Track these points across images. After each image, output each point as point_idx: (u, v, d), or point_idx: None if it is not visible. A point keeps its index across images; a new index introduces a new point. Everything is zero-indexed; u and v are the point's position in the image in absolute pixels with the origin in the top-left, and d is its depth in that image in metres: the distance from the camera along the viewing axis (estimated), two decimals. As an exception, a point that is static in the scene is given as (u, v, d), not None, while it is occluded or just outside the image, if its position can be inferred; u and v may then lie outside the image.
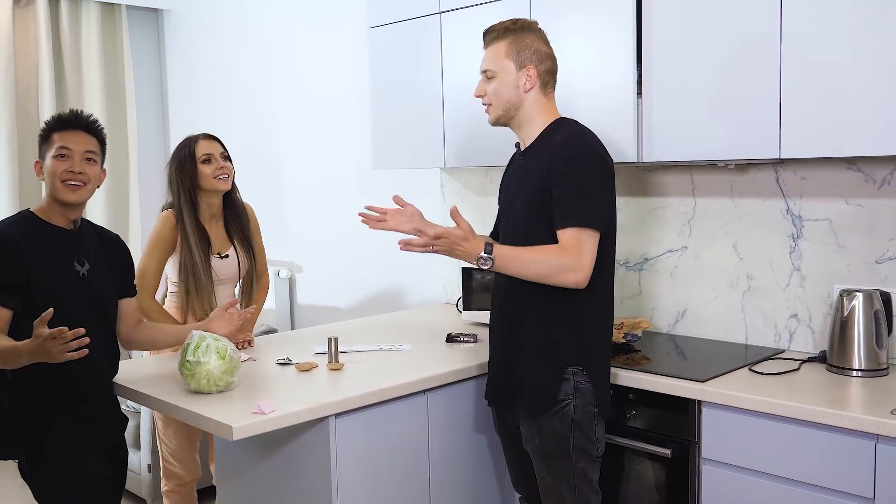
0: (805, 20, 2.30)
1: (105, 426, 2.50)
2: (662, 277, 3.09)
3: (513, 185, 2.48)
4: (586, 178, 2.26)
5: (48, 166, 2.36)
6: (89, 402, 2.43)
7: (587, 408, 2.32)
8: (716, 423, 2.35)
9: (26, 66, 4.97)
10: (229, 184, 2.99)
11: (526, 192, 2.36)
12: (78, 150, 2.37)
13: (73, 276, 2.38)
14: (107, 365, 2.51)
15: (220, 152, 2.99)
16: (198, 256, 2.90)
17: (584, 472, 2.35)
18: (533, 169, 2.35)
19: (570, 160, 2.26)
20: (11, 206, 4.84)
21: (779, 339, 2.80)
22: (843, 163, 2.60)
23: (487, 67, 2.38)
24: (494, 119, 2.42)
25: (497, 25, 2.39)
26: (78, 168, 2.36)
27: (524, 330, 2.37)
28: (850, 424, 2.07)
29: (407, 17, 3.35)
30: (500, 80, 2.36)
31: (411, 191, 4.01)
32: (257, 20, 4.81)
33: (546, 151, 2.32)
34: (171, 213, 2.95)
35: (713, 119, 2.50)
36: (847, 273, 2.63)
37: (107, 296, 2.51)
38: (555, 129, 2.37)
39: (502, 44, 2.35)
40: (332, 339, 2.68)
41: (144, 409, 3.78)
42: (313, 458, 2.35)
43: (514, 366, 2.40)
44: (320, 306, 4.60)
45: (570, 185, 2.25)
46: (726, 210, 2.89)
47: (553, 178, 2.26)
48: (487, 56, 2.39)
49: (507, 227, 2.48)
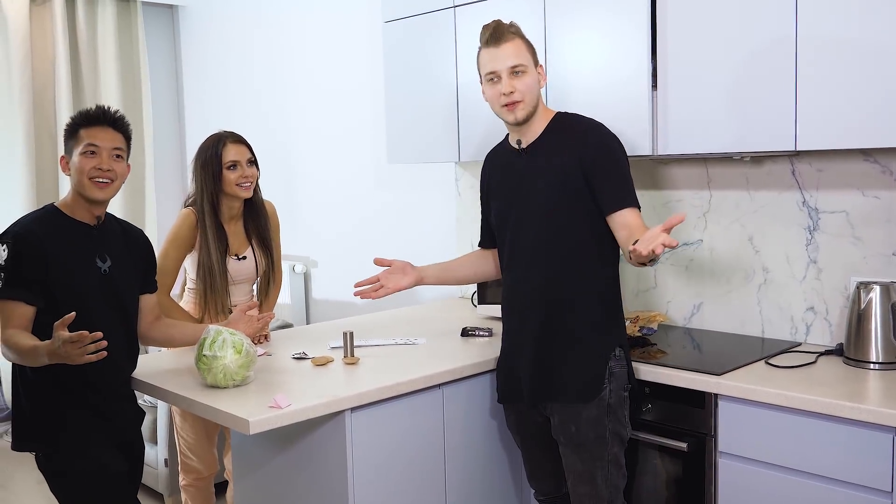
0: (821, 11, 2.28)
1: (121, 421, 2.52)
2: (678, 270, 3.08)
3: (516, 183, 2.46)
4: (624, 161, 2.36)
5: (76, 163, 2.37)
6: (106, 398, 2.45)
7: (619, 392, 2.37)
8: (732, 416, 2.34)
9: (43, 63, 5.00)
10: (251, 191, 2.95)
11: (548, 185, 2.36)
12: (106, 146, 2.37)
13: (94, 273, 2.39)
14: (126, 361, 2.53)
15: (248, 158, 2.93)
16: (215, 258, 2.90)
17: (616, 457, 2.38)
18: (553, 161, 2.36)
19: (609, 147, 2.35)
20: (28, 201, 4.87)
21: (795, 332, 2.79)
22: (859, 154, 2.59)
23: (518, 62, 2.33)
24: (525, 115, 2.38)
25: (503, 24, 2.37)
26: (106, 165, 2.36)
27: (570, 320, 2.38)
28: (868, 417, 2.06)
29: (421, 11, 3.35)
30: (531, 74, 2.36)
31: (425, 185, 4.02)
32: (272, 15, 4.82)
33: (564, 141, 2.35)
34: (192, 211, 2.93)
35: (728, 111, 2.49)
36: (864, 265, 2.61)
37: (128, 292, 2.52)
38: (561, 120, 2.41)
39: (520, 41, 2.36)
40: (348, 334, 2.69)
41: (161, 404, 3.80)
42: (329, 452, 2.36)
43: (557, 358, 2.39)
44: (335, 301, 4.62)
45: (615, 168, 2.33)
46: (742, 203, 2.88)
47: (591, 165, 2.31)
48: (512, 51, 2.34)
49: (523, 227, 2.44)
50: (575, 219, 2.35)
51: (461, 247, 3.84)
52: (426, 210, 4.04)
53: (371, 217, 4.35)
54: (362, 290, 2.70)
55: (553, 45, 2.87)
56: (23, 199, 4.88)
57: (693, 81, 2.56)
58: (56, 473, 2.40)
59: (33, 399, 2.37)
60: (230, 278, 2.98)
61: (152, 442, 3.96)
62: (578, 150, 2.32)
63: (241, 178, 2.90)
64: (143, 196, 5.37)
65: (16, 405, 2.41)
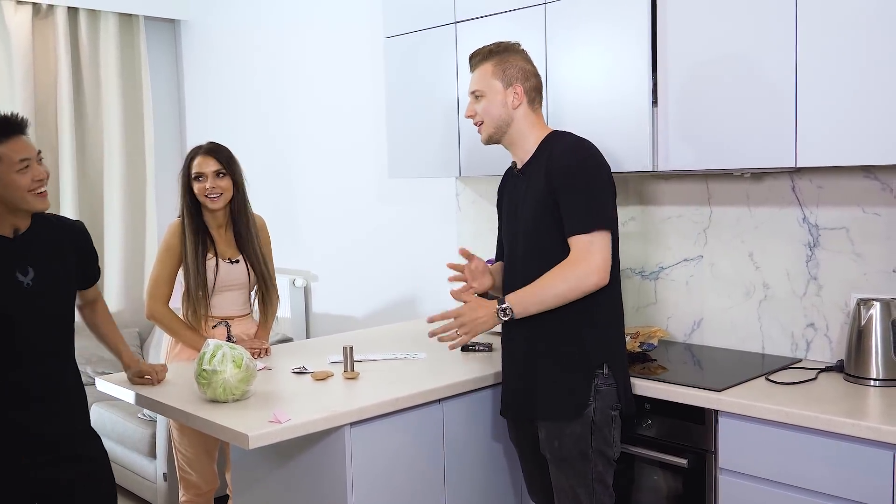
0: (821, 28, 2.29)
1: (51, 435, 2.38)
2: (678, 286, 3.08)
3: (513, 203, 2.52)
4: (586, 182, 2.33)
5: (11, 181, 2.23)
6: (43, 403, 2.36)
7: (606, 410, 2.36)
8: (732, 432, 2.34)
9: (45, 77, 5.02)
10: (220, 203, 2.98)
11: (531, 209, 2.40)
12: (32, 155, 2.27)
13: (16, 289, 2.29)
14: (63, 371, 2.44)
15: (214, 170, 2.96)
16: (191, 262, 2.96)
17: (601, 475, 2.37)
18: (534, 184, 2.39)
19: (569, 168, 2.33)
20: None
21: (795, 348, 2.78)
22: (860, 171, 2.59)
23: (476, 88, 2.45)
24: (486, 137, 2.49)
25: (481, 49, 2.47)
26: (41, 174, 2.28)
27: (547, 338, 2.39)
28: (868, 434, 2.05)
29: (422, 27, 3.37)
30: (489, 98, 2.43)
31: (426, 200, 4.03)
32: (273, 30, 4.84)
33: (545, 163, 2.37)
34: (179, 221, 3.02)
35: (729, 127, 2.50)
36: (864, 282, 2.61)
37: (59, 301, 2.41)
38: (550, 141, 2.43)
39: (488, 65, 2.44)
40: (348, 348, 2.69)
41: (160, 418, 3.79)
42: (329, 466, 2.35)
43: (537, 376, 2.41)
44: (336, 315, 4.61)
45: (573, 192, 2.32)
46: (742, 219, 2.88)
47: (556, 188, 2.33)
48: (475, 77, 2.47)
49: (513, 247, 2.51)
50: (556, 239, 2.35)
51: (462, 261, 3.83)
52: (427, 225, 4.04)
53: (371, 232, 4.36)
54: (456, 282, 2.63)
55: (553, 61, 2.89)
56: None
57: (693, 97, 2.57)
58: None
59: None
60: (220, 283, 3.01)
61: (151, 456, 3.95)
62: (547, 170, 2.35)
63: (207, 190, 2.96)
64: (143, 208, 5.37)
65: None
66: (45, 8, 4.98)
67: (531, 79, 2.45)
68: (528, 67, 2.46)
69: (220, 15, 5.26)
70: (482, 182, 3.73)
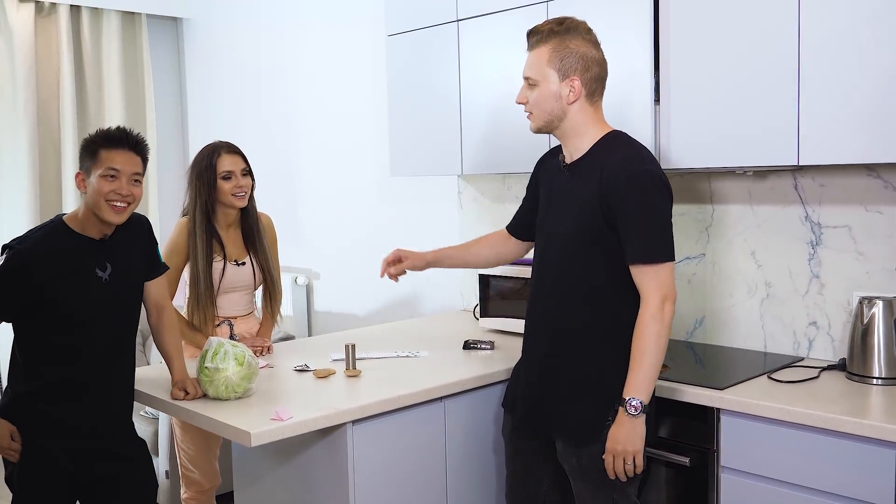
0: (823, 26, 2.29)
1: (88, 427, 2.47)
2: (680, 284, 3.07)
3: (555, 200, 2.36)
4: (653, 205, 2.17)
5: (94, 184, 2.34)
6: (92, 396, 2.46)
7: None
8: (735, 431, 2.33)
9: (48, 75, 5.02)
10: (246, 201, 2.97)
11: (575, 214, 2.25)
12: (126, 171, 2.36)
13: (94, 283, 2.40)
14: (121, 355, 2.53)
15: (242, 168, 2.96)
16: (201, 266, 2.92)
17: (623, 487, 2.26)
18: (583, 188, 2.23)
19: (631, 184, 2.15)
20: (32, 212, 4.88)
21: (798, 346, 2.78)
22: (862, 170, 2.59)
23: (529, 75, 2.26)
24: (536, 129, 2.32)
25: (542, 26, 2.26)
26: (125, 190, 2.35)
27: (571, 359, 2.29)
28: (871, 433, 2.05)
29: (425, 25, 3.37)
30: (543, 89, 2.23)
31: (428, 198, 4.03)
32: (275, 28, 4.84)
33: (598, 171, 2.20)
34: (188, 220, 2.98)
35: (731, 126, 2.49)
36: (867, 280, 2.61)
37: (130, 291, 2.52)
38: (607, 144, 2.25)
39: (545, 49, 2.22)
40: (350, 346, 2.69)
41: (163, 416, 3.79)
42: (330, 464, 2.36)
43: (555, 395, 2.31)
44: (337, 313, 4.62)
45: (638, 214, 2.15)
46: (745, 217, 2.88)
47: (613, 203, 2.16)
48: (530, 61, 2.26)
49: (545, 249, 2.37)
50: (595, 253, 2.22)
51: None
52: (429, 223, 4.04)
53: (373, 230, 4.36)
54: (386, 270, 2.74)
55: (556, 59, 2.88)
56: (26, 210, 4.88)
57: (696, 96, 2.57)
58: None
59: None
60: (226, 284, 3.00)
61: (153, 454, 3.95)
62: (605, 182, 2.17)
63: (235, 188, 2.94)
64: (146, 207, 5.36)
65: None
66: (48, 6, 4.98)
67: (593, 68, 2.23)
68: (592, 53, 2.23)
69: (223, 13, 5.26)
70: (484, 180, 3.73)
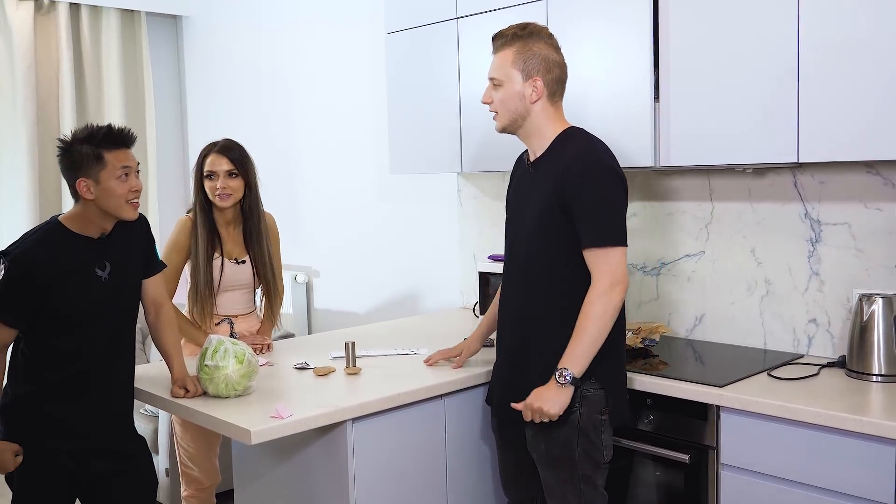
0: (823, 23, 2.29)
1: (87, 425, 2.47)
2: (680, 282, 3.07)
3: (521, 198, 2.47)
4: (606, 194, 2.26)
5: (108, 188, 2.33)
6: (92, 396, 2.45)
7: (593, 415, 2.31)
8: (734, 428, 2.34)
9: (47, 73, 5.01)
10: (228, 203, 2.96)
11: (537, 208, 2.35)
12: (133, 166, 2.39)
13: (94, 282, 2.40)
14: (120, 355, 2.53)
15: (226, 170, 2.95)
16: (201, 261, 2.94)
17: (589, 477, 2.34)
18: (543, 183, 2.33)
19: (585, 176, 2.25)
20: (32, 211, 4.88)
21: (797, 343, 2.78)
22: (862, 167, 2.59)
23: (494, 76, 2.37)
24: (501, 127, 2.42)
25: (506, 30, 2.37)
26: (138, 185, 2.39)
27: (537, 347, 2.36)
28: (870, 430, 2.05)
29: (424, 22, 3.36)
30: (507, 89, 2.34)
31: (428, 195, 4.03)
32: (275, 25, 4.84)
33: (556, 165, 2.31)
34: (189, 217, 2.99)
35: (731, 123, 2.49)
36: (866, 277, 2.61)
37: (129, 289, 2.53)
38: (564, 140, 2.36)
39: (510, 51, 2.34)
40: (350, 344, 2.69)
41: (163, 413, 3.79)
42: (331, 462, 2.36)
43: (522, 379, 2.37)
44: (337, 311, 4.62)
45: (591, 202, 2.25)
46: (744, 214, 2.88)
47: (568, 195, 2.26)
48: (495, 63, 2.38)
49: (516, 243, 2.45)
50: (557, 245, 2.30)
51: (463, 257, 3.84)
52: (428, 221, 4.04)
53: (373, 227, 4.36)
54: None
55: (556, 56, 2.88)
56: (26, 209, 4.88)
57: (695, 93, 2.57)
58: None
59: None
60: (225, 282, 3.00)
61: (153, 451, 3.95)
62: (561, 174, 2.27)
63: (217, 189, 2.95)
64: (145, 205, 5.36)
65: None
66: (47, 4, 4.97)
67: (554, 70, 2.34)
68: (553, 57, 2.34)
69: (222, 11, 5.26)
70: (484, 178, 3.73)
